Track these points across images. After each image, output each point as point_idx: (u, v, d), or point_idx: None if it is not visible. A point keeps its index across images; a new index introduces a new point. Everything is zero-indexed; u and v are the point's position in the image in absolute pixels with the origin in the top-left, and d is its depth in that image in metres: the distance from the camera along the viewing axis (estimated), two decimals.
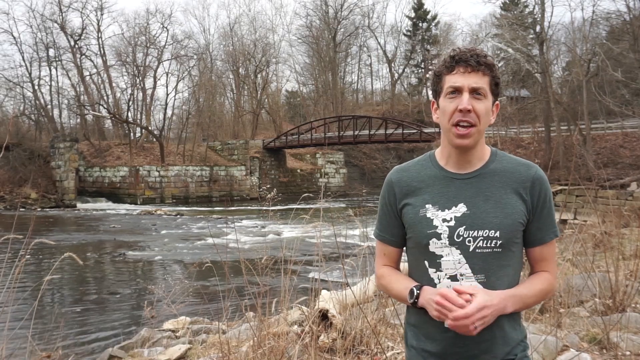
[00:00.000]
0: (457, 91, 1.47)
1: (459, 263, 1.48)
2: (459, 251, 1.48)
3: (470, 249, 1.47)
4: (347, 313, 3.80)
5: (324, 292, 4.06)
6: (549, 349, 3.40)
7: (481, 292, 1.40)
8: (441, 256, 1.49)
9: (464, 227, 1.48)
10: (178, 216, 28.90)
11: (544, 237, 1.55)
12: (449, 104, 1.48)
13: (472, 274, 1.47)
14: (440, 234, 1.49)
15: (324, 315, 3.62)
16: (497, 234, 1.46)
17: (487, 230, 1.46)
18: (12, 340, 3.57)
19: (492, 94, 1.49)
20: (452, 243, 1.48)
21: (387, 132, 36.70)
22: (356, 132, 38.92)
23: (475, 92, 1.46)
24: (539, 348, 3.30)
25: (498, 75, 1.50)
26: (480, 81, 1.46)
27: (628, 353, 3.42)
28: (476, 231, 1.47)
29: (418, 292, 1.50)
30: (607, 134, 30.34)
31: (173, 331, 5.77)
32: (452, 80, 1.47)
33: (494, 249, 1.47)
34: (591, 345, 3.58)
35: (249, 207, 32.92)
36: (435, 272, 1.50)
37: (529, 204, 1.51)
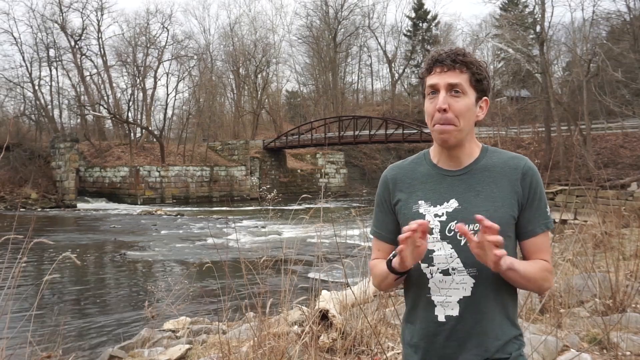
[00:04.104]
0: (435, 91, 1.50)
1: (451, 257, 1.49)
2: (450, 245, 1.50)
3: (462, 243, 1.48)
4: (347, 313, 3.80)
5: (324, 292, 4.06)
6: (549, 349, 3.40)
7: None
8: (433, 251, 1.51)
9: (455, 221, 1.49)
10: (178, 216, 28.90)
11: (535, 229, 1.54)
12: (429, 104, 1.51)
13: (463, 268, 1.49)
14: (432, 228, 1.51)
15: (324, 316, 3.62)
16: None
17: (477, 224, 1.45)
18: (12, 340, 3.57)
19: (474, 90, 1.50)
20: (443, 238, 1.50)
21: (387, 133, 36.68)
22: (356, 132, 38.91)
23: (452, 89, 1.48)
24: (539, 348, 3.30)
25: (479, 72, 1.50)
26: (456, 78, 1.47)
27: (628, 353, 3.42)
28: (467, 225, 1.47)
29: (392, 258, 1.49)
30: (607, 134, 30.35)
31: (173, 331, 5.77)
32: (430, 80, 1.50)
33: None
34: (591, 346, 3.58)
35: (249, 207, 32.92)
36: (428, 267, 1.52)
37: (520, 196, 1.52)
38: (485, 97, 1.55)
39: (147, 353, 4.89)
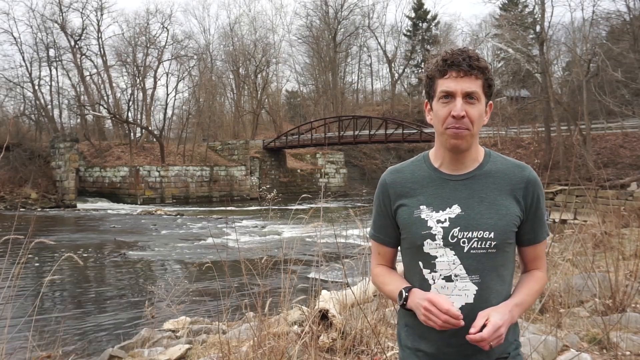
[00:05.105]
0: (450, 96, 1.47)
1: (454, 264, 1.49)
2: (453, 252, 1.49)
3: (465, 250, 1.48)
4: (347, 313, 3.80)
5: (324, 292, 4.06)
6: (549, 349, 3.40)
7: (493, 313, 1.42)
8: (435, 257, 1.50)
9: (459, 228, 1.49)
10: (178, 216, 28.90)
11: (537, 237, 1.58)
12: (442, 108, 1.48)
13: (466, 275, 1.48)
14: (435, 234, 1.50)
15: (323, 315, 3.62)
16: (492, 235, 1.47)
17: (481, 232, 1.47)
18: (12, 340, 3.57)
19: (485, 96, 1.50)
20: (446, 244, 1.49)
21: (387, 132, 36.68)
22: (356, 132, 38.92)
23: (468, 96, 1.46)
24: (539, 348, 3.30)
25: (491, 77, 1.50)
26: (473, 85, 1.46)
27: (628, 353, 3.42)
28: (471, 232, 1.48)
29: (407, 294, 1.52)
30: (607, 134, 30.32)
31: (173, 331, 5.77)
32: (445, 84, 1.47)
33: (489, 250, 1.48)
34: (591, 345, 3.58)
35: (249, 207, 32.92)
36: (430, 273, 1.51)
37: (523, 206, 1.53)
38: (490, 102, 1.54)
39: (147, 353, 4.89)
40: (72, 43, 45.15)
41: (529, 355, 3.15)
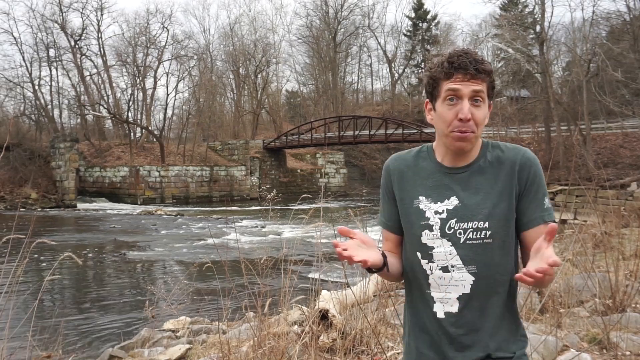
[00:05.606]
0: (456, 97, 1.47)
1: (450, 254, 1.50)
2: (450, 243, 1.50)
3: (461, 241, 1.49)
4: (347, 313, 3.80)
5: (324, 292, 4.06)
6: (549, 349, 3.40)
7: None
8: (433, 248, 1.52)
9: (455, 219, 1.50)
10: (178, 216, 28.89)
11: (532, 220, 1.50)
12: (448, 111, 1.48)
13: (462, 265, 1.49)
14: (432, 225, 1.51)
15: (324, 315, 3.62)
16: (486, 224, 1.47)
17: (476, 222, 1.48)
18: (12, 340, 3.57)
19: (488, 97, 1.51)
20: (443, 235, 1.50)
21: (387, 132, 36.69)
22: (356, 132, 38.91)
23: (474, 99, 1.46)
24: (539, 348, 3.30)
25: (494, 79, 1.51)
26: (479, 88, 1.46)
27: (628, 353, 3.42)
28: (466, 223, 1.49)
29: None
30: (607, 134, 30.33)
31: (173, 331, 5.78)
32: (452, 87, 1.47)
33: (485, 240, 1.48)
34: (591, 345, 3.58)
35: (249, 207, 32.93)
36: (428, 264, 1.53)
37: (517, 189, 1.50)
38: (490, 102, 1.55)
39: (147, 353, 4.89)
40: (72, 43, 45.19)
41: (529, 355, 3.15)
